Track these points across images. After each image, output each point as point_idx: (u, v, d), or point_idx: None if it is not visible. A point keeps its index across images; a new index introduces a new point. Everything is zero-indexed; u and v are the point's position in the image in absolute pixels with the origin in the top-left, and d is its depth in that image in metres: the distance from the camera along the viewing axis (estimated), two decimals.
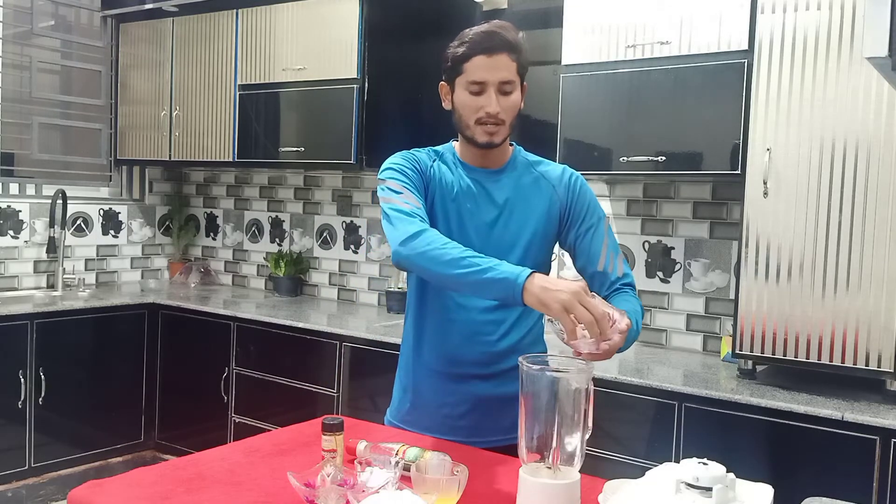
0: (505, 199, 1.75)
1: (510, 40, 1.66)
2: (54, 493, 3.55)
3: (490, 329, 1.74)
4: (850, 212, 2.33)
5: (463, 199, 1.74)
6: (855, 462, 2.18)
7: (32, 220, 4.07)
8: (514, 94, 1.68)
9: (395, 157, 1.75)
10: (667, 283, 3.15)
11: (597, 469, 1.58)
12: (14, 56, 4.13)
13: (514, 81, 1.67)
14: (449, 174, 1.75)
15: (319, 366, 3.34)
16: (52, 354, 3.55)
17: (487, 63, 1.64)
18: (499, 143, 1.70)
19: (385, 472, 1.36)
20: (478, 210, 1.73)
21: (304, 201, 4.28)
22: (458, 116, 1.71)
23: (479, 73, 1.64)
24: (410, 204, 1.61)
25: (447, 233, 1.72)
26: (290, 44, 3.75)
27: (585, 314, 1.35)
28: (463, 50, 1.66)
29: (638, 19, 2.77)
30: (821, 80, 2.36)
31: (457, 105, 1.70)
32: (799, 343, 2.41)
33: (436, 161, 1.77)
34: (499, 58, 1.64)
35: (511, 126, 1.71)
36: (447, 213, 1.73)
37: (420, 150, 1.79)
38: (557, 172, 1.80)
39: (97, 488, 1.40)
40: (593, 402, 1.33)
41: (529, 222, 1.75)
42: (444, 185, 1.74)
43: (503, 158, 1.78)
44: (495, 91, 1.65)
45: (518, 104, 1.70)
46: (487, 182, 1.75)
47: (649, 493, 1.23)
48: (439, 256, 1.49)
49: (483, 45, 1.64)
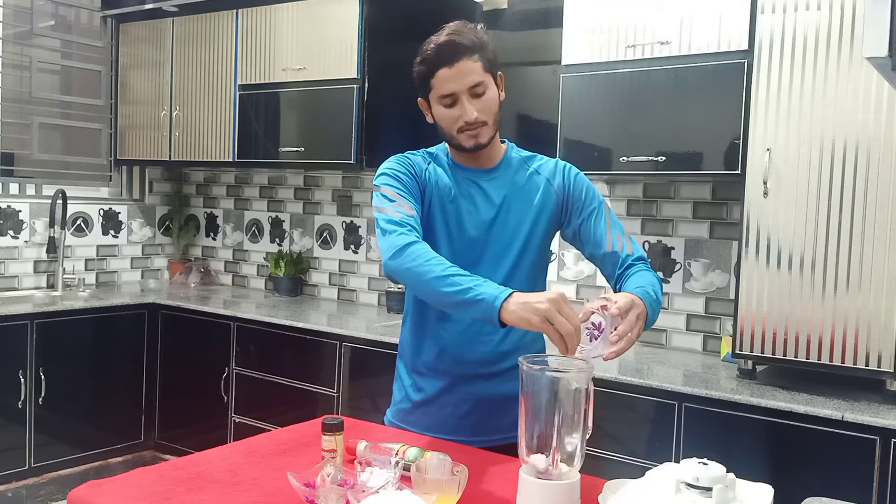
0: (502, 197, 1.75)
1: (466, 44, 1.64)
2: (54, 493, 3.55)
3: (492, 328, 1.74)
4: (850, 212, 2.33)
5: (460, 199, 1.74)
6: (855, 462, 2.18)
7: (32, 220, 4.07)
8: (487, 92, 1.66)
9: (389, 161, 1.75)
10: (667, 283, 3.15)
11: (597, 469, 1.58)
12: (14, 56, 4.13)
13: (483, 81, 1.65)
14: (444, 176, 1.75)
15: (319, 366, 3.34)
16: (52, 354, 3.55)
17: (451, 74, 1.63)
18: (486, 142, 1.70)
19: (385, 472, 1.36)
20: (476, 210, 1.73)
21: (304, 201, 4.28)
22: (441, 130, 1.72)
23: (445, 86, 1.64)
24: (402, 213, 1.61)
25: (447, 235, 1.72)
26: (290, 44, 3.75)
27: (565, 324, 1.34)
28: (424, 68, 1.67)
29: (638, 19, 2.77)
30: (821, 80, 2.36)
31: (437, 119, 1.71)
32: (799, 343, 2.41)
33: (430, 163, 1.76)
34: (461, 65, 1.63)
35: (496, 122, 1.70)
36: (446, 214, 1.73)
37: (414, 152, 1.79)
38: (551, 166, 1.80)
39: (97, 488, 1.40)
40: (593, 402, 1.33)
41: (527, 219, 1.75)
42: (441, 186, 1.74)
43: (496, 156, 1.78)
44: (467, 98, 1.64)
45: (495, 100, 1.69)
46: (483, 181, 1.75)
47: (649, 493, 1.23)
48: (423, 273, 1.49)
49: (442, 58, 1.63)
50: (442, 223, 1.72)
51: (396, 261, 1.53)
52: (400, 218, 1.60)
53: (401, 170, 1.71)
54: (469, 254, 1.72)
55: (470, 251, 1.73)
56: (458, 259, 1.65)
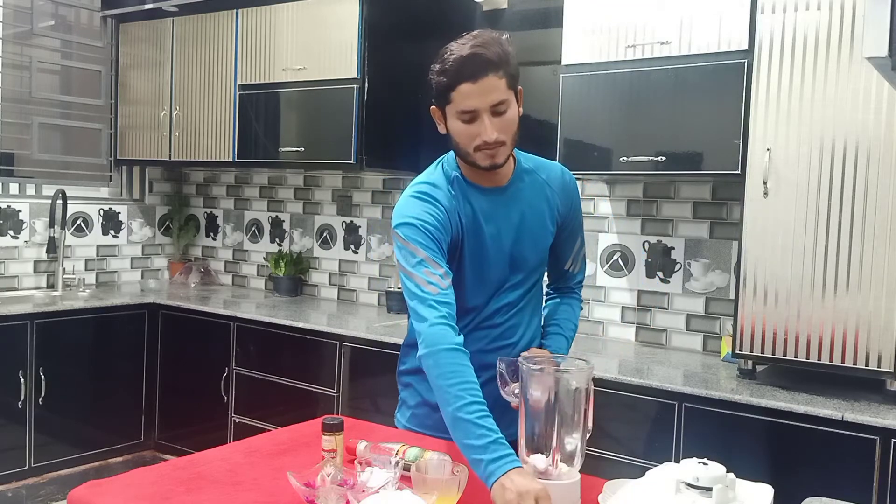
0: (521, 215, 1.73)
1: (493, 59, 1.53)
2: (54, 493, 3.55)
3: (512, 332, 1.77)
4: (850, 212, 2.33)
5: (485, 223, 1.69)
6: (855, 462, 2.18)
7: (32, 220, 4.06)
8: (509, 111, 1.57)
9: (410, 203, 1.63)
10: (667, 283, 3.15)
11: (597, 469, 1.58)
12: (14, 56, 4.13)
13: (506, 100, 1.56)
14: (465, 202, 1.68)
15: (319, 366, 3.34)
16: (52, 354, 3.55)
17: (474, 90, 1.53)
18: (502, 163, 1.63)
19: (385, 472, 1.37)
20: (498, 234, 1.71)
21: (304, 201, 4.28)
22: (455, 143, 1.63)
23: (467, 101, 1.54)
24: (435, 285, 1.52)
25: (474, 263, 1.69)
26: (290, 44, 3.75)
27: None
28: (445, 80, 1.55)
29: (638, 19, 2.77)
30: (821, 80, 2.36)
31: (452, 133, 1.62)
32: (799, 343, 2.41)
33: (454, 195, 1.66)
34: (485, 81, 1.53)
35: (513, 141, 1.63)
36: (473, 242, 1.68)
37: (434, 185, 1.67)
38: (557, 175, 1.80)
39: (97, 488, 1.40)
40: (593, 402, 1.33)
41: (542, 233, 1.77)
42: (466, 216, 1.67)
43: (509, 172, 1.74)
44: (488, 117, 1.55)
45: (515, 119, 1.60)
46: (501, 201, 1.71)
47: (649, 493, 1.23)
48: (442, 394, 1.45)
49: (465, 72, 1.53)
50: (470, 253, 1.69)
51: (426, 363, 1.49)
52: (435, 295, 1.51)
53: (429, 220, 1.59)
54: (491, 277, 1.73)
55: (493, 274, 1.72)
56: (481, 284, 1.71)
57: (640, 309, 3.23)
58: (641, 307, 3.22)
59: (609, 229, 3.28)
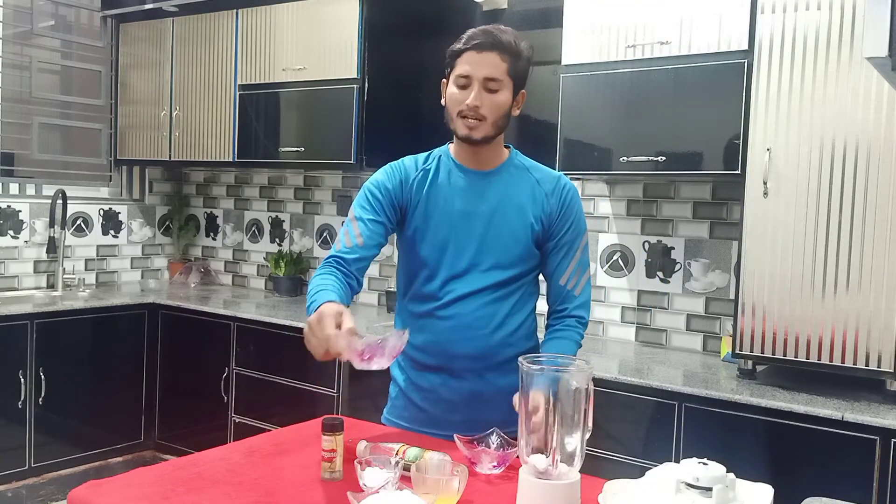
0: (497, 200, 1.77)
1: (503, 41, 1.68)
2: (54, 493, 3.55)
3: (482, 323, 1.76)
4: (850, 212, 2.33)
5: (454, 198, 1.77)
6: (855, 462, 2.18)
7: (32, 220, 4.07)
8: (500, 93, 1.70)
9: (380, 171, 1.82)
10: (667, 283, 3.15)
11: (597, 469, 1.58)
12: (14, 56, 4.13)
13: (500, 80, 1.69)
14: (442, 174, 1.79)
15: (319, 366, 3.33)
16: (52, 354, 3.55)
17: (475, 58, 1.68)
18: (478, 138, 1.71)
19: (385, 472, 1.37)
20: (469, 213, 1.76)
21: (304, 201, 4.28)
22: (446, 111, 1.75)
23: (465, 67, 1.68)
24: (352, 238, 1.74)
25: (439, 234, 1.75)
26: (290, 44, 3.75)
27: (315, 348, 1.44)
28: (458, 46, 1.71)
29: (638, 19, 2.77)
30: (821, 80, 2.36)
31: (446, 98, 1.74)
32: (799, 343, 2.41)
33: (425, 167, 1.80)
34: (488, 55, 1.68)
35: (496, 126, 1.72)
36: (440, 212, 1.76)
37: (412, 157, 1.83)
38: (552, 181, 1.81)
39: (97, 488, 1.40)
40: (593, 402, 1.33)
41: (520, 226, 1.77)
42: (436, 186, 1.78)
43: (497, 160, 1.80)
44: (479, 86, 1.68)
45: (504, 106, 1.71)
46: (480, 182, 1.78)
47: (649, 494, 1.23)
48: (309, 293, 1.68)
49: (474, 42, 1.68)
50: (434, 221, 1.76)
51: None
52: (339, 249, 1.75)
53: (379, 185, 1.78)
54: (461, 255, 1.76)
55: (461, 252, 1.76)
56: (449, 260, 1.75)
57: (640, 309, 3.23)
58: (641, 307, 3.22)
59: (609, 229, 3.28)
